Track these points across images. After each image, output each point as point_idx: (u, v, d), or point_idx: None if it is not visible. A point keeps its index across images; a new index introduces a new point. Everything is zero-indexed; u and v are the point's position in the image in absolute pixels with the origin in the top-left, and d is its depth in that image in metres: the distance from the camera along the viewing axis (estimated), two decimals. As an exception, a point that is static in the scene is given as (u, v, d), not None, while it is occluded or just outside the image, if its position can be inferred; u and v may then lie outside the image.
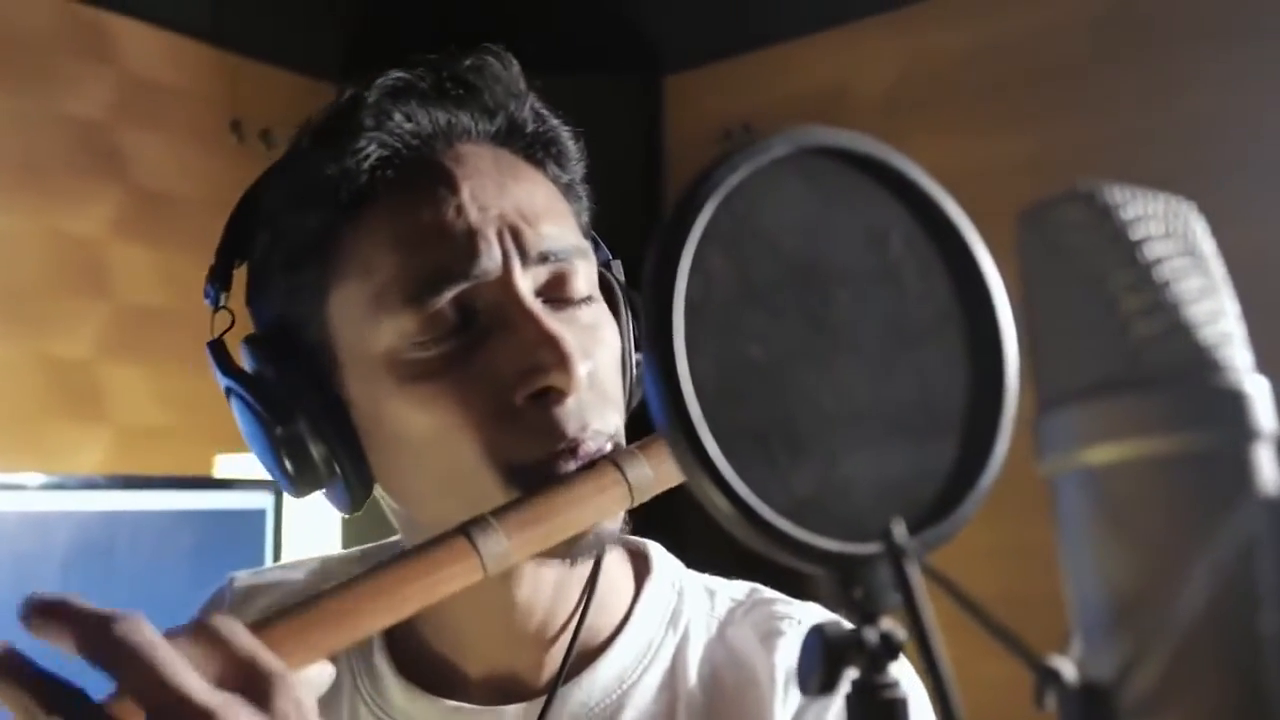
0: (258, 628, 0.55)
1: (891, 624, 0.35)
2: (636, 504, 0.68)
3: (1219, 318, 0.29)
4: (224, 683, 0.50)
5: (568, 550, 0.68)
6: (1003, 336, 0.38)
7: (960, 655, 0.43)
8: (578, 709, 0.74)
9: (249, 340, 0.74)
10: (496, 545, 0.61)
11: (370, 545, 0.89)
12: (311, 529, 2.09)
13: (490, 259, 0.68)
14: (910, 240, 0.39)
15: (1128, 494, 0.28)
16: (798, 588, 0.81)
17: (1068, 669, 0.29)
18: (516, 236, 0.69)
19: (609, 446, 0.69)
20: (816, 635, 0.35)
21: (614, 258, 0.80)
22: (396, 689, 0.76)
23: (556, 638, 0.76)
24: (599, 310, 0.74)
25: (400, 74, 0.73)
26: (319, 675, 0.58)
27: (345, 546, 1.10)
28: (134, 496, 1.93)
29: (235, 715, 0.48)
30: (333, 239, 0.72)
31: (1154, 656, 0.26)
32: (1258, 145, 2.15)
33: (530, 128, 0.76)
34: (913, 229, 0.39)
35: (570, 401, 0.67)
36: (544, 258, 0.70)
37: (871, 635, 0.35)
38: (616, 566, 0.80)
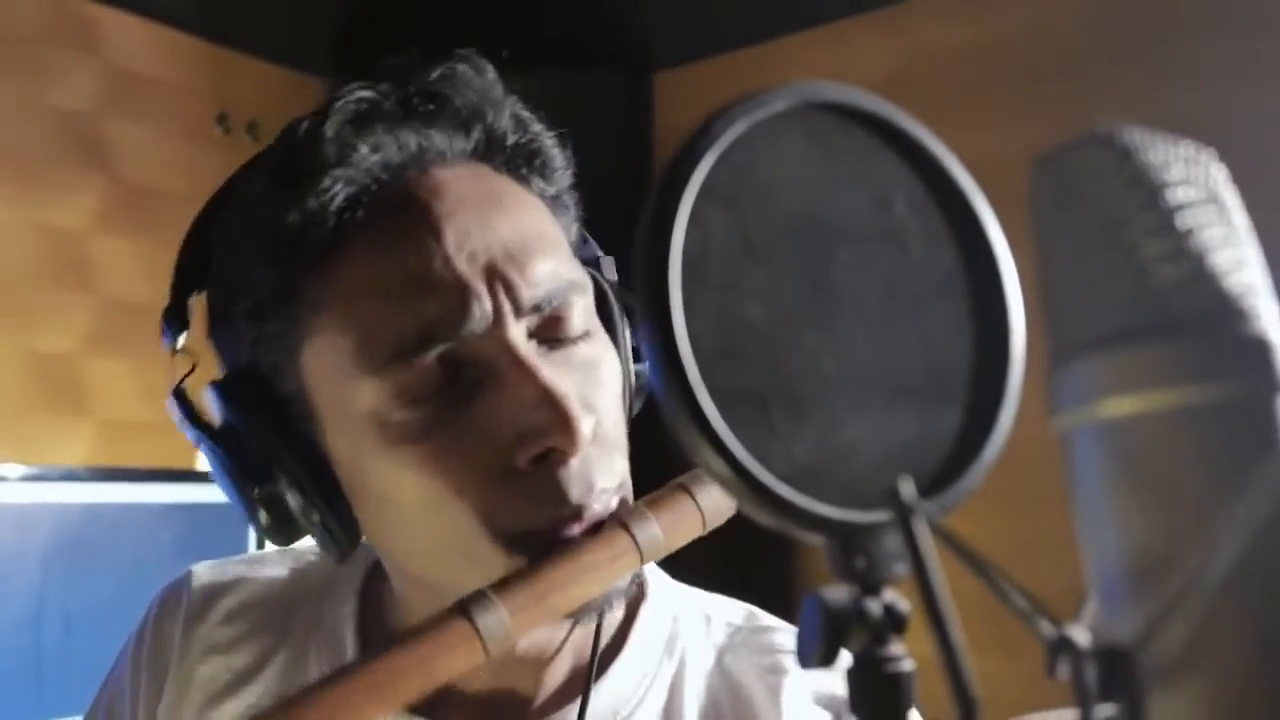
0: None
1: (895, 595, 0.34)
2: (644, 565, 0.63)
3: (1243, 267, 0.28)
4: None
5: (570, 614, 0.63)
6: (1008, 303, 0.36)
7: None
8: None
9: (216, 386, 0.68)
10: (499, 625, 0.56)
11: None
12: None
13: (480, 318, 0.62)
14: (914, 202, 0.37)
15: (1150, 448, 0.26)
16: (786, 592, 0.79)
17: (1081, 635, 0.28)
18: (509, 288, 0.63)
19: (615, 503, 0.64)
20: (816, 606, 0.34)
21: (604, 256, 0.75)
22: None
23: (553, 659, 0.72)
24: (597, 345, 0.68)
25: (362, 93, 0.65)
26: None
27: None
28: (116, 489, 1.91)
29: None
30: (300, 289, 0.65)
31: (1179, 618, 0.25)
32: (1254, 139, 2.14)
33: (510, 140, 0.69)
34: (917, 190, 0.37)
35: (575, 462, 0.62)
36: (537, 308, 0.64)
37: (874, 606, 0.33)
38: None
